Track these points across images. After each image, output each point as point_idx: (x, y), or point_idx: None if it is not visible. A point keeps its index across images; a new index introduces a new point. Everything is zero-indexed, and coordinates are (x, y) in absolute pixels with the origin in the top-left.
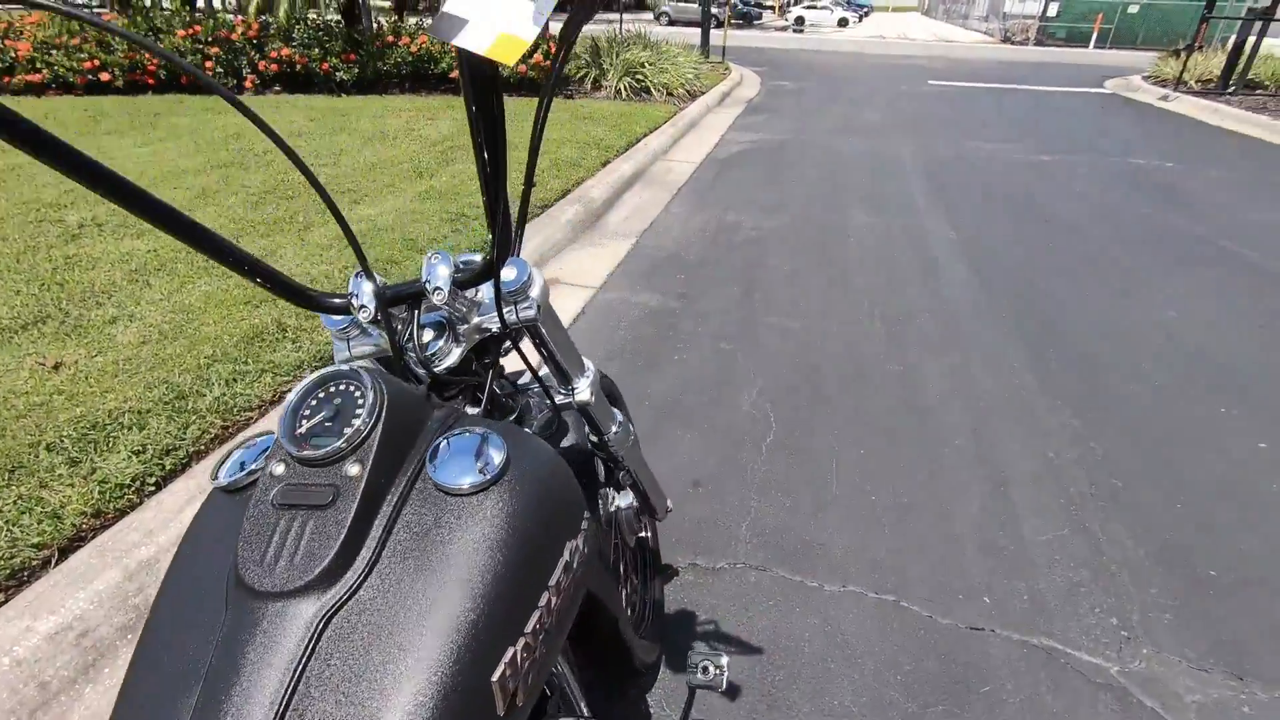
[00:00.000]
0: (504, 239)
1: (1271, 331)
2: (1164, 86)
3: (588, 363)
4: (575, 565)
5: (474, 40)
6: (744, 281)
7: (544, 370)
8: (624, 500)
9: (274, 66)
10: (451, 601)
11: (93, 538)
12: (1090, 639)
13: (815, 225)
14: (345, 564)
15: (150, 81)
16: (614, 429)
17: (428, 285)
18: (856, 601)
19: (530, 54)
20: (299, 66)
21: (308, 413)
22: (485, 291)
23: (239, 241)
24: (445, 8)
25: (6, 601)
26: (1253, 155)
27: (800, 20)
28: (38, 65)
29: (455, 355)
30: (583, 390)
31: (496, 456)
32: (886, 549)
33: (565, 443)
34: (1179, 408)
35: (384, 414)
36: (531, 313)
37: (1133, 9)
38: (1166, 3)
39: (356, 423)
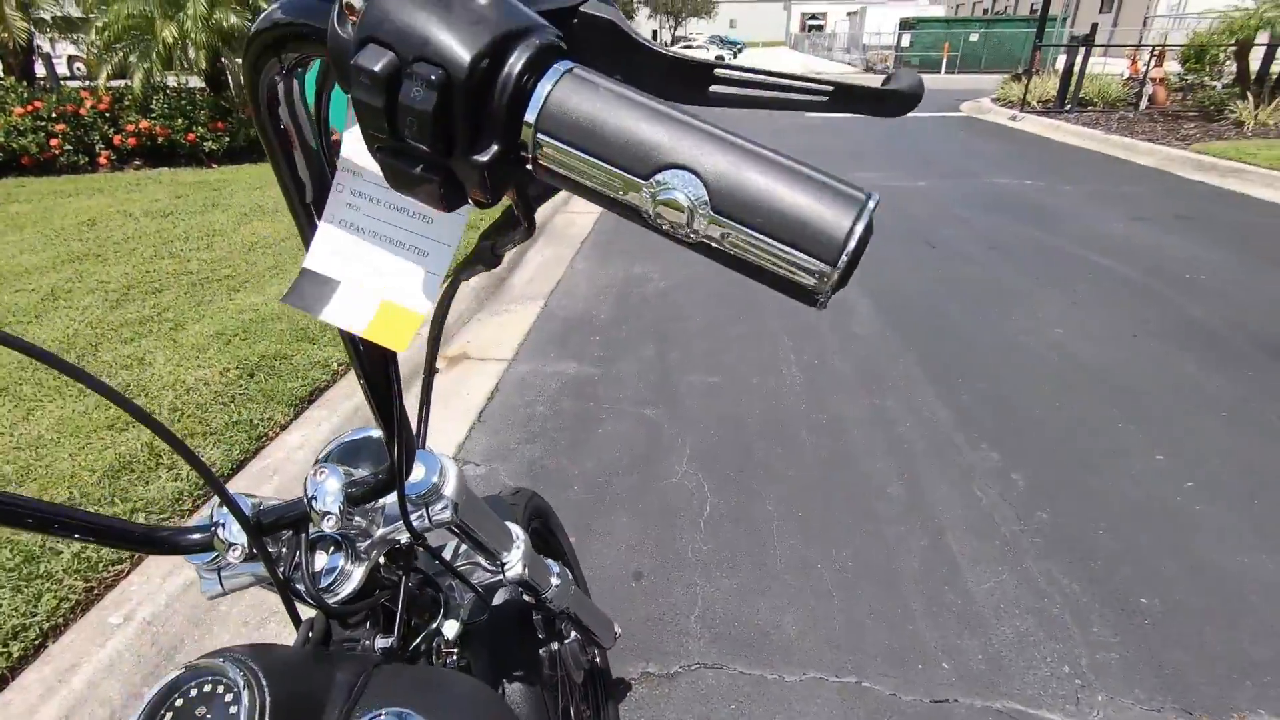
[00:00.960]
0: (406, 445)
1: (1142, 339)
2: (1011, 108)
3: (515, 530)
4: None
5: (347, 314)
6: (659, 338)
7: (464, 547)
8: (567, 637)
9: (132, 140)
10: None
11: None
12: (1048, 694)
13: (720, 270)
14: None
15: None
16: (553, 583)
17: (314, 508)
18: (819, 689)
19: None
20: (161, 139)
21: None
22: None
23: (98, 351)
24: (307, 263)
25: None
26: (1094, 167)
27: None
28: None
29: (357, 578)
30: (514, 565)
31: None
32: (839, 623)
33: (497, 600)
34: (1081, 427)
35: None
36: (447, 515)
37: (973, 38)
38: (1002, 31)
39: None
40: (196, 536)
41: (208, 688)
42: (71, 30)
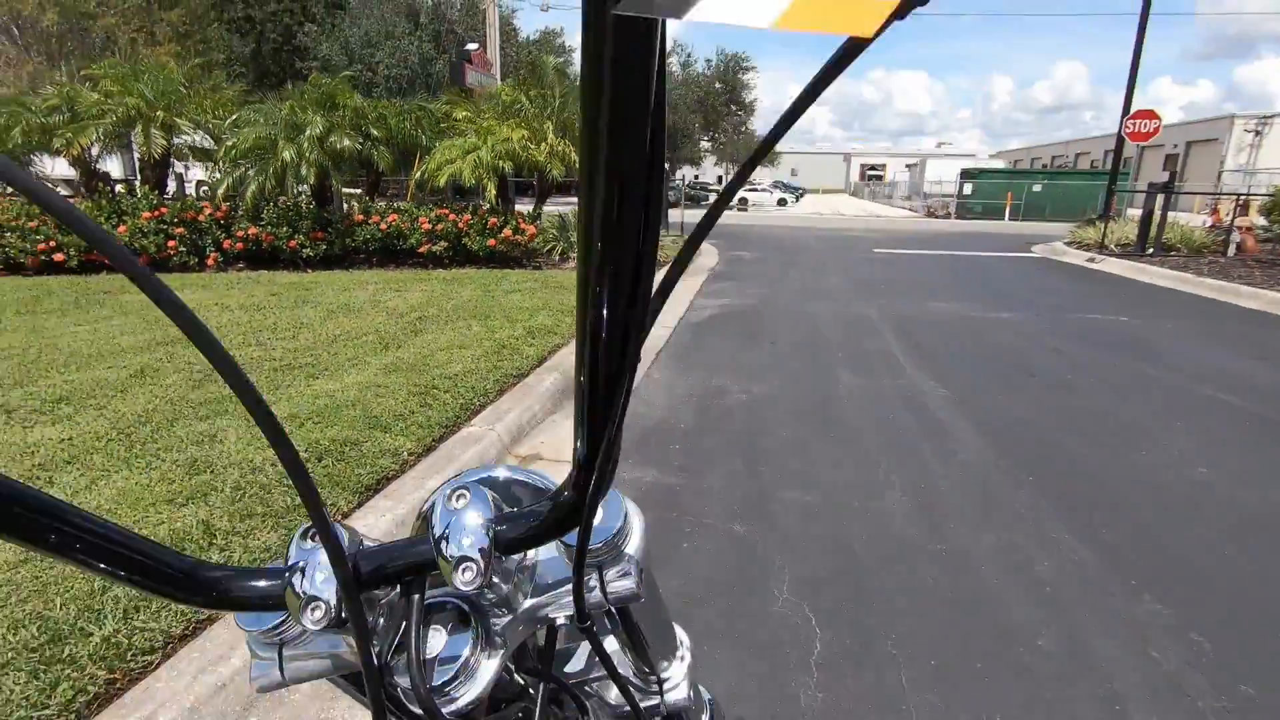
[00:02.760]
0: (605, 467)
1: None
2: (1087, 250)
3: (680, 635)
4: None
5: None
6: (744, 451)
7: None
8: None
9: (239, 245)
10: None
11: None
12: None
13: (804, 388)
14: None
15: (106, 260)
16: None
17: (445, 553)
18: None
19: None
20: (264, 244)
21: None
22: (541, 551)
23: (173, 426)
24: None
25: None
26: (1193, 307)
27: (744, 200)
28: None
29: (486, 676)
30: (677, 684)
31: None
32: None
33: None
34: (1256, 577)
35: None
36: (630, 585)
37: (1037, 188)
38: (1065, 182)
39: None
40: (262, 584)
41: None
42: (206, 159)
